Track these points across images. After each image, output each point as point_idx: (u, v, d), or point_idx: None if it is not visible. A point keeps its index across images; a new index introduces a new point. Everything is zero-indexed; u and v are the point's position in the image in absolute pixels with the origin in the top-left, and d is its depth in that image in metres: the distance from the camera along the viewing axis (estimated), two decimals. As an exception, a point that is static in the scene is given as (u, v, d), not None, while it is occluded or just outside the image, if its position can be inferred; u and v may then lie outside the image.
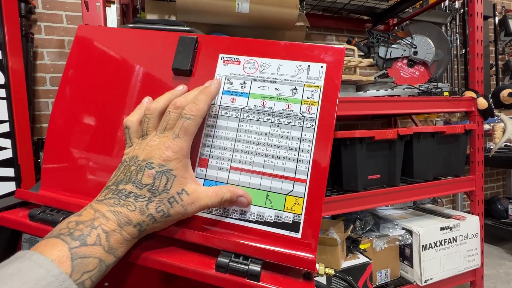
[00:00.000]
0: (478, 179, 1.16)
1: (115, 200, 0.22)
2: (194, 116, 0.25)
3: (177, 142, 0.24)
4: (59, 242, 0.20)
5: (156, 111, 0.26)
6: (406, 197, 1.05)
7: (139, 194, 0.23)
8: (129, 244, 0.23)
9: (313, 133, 0.27)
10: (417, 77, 1.29)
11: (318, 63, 0.28)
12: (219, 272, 0.23)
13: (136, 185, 0.23)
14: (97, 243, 0.21)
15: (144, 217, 0.23)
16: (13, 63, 0.82)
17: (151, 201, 0.23)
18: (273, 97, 0.28)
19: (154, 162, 0.23)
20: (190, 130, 0.25)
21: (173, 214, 0.24)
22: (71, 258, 0.19)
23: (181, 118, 0.25)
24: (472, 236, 1.15)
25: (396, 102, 1.03)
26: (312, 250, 0.24)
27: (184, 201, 0.24)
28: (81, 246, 0.20)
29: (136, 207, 0.22)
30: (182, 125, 0.25)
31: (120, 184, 0.23)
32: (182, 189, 0.24)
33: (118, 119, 0.31)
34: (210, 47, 0.31)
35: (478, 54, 1.15)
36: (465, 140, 1.12)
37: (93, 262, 0.20)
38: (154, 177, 0.23)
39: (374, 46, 1.23)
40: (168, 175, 0.23)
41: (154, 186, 0.23)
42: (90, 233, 0.21)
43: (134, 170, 0.24)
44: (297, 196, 0.26)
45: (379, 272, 1.09)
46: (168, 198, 0.23)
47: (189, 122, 0.25)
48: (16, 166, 0.83)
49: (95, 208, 0.22)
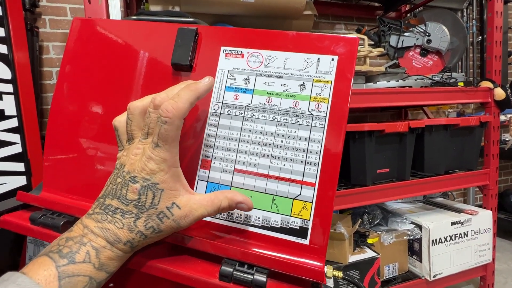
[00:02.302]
0: (492, 173, 1.12)
1: (103, 216, 0.21)
2: (170, 119, 0.21)
3: (158, 152, 0.21)
4: (47, 260, 0.19)
5: (137, 111, 0.23)
6: (416, 192, 1.02)
7: (126, 210, 0.21)
8: (123, 259, 0.22)
9: (323, 133, 0.25)
10: (430, 66, 1.24)
11: (328, 56, 0.26)
12: (223, 281, 0.22)
13: (122, 200, 0.21)
14: (87, 260, 0.20)
15: (133, 235, 0.21)
16: (19, 58, 0.82)
17: (138, 218, 0.21)
18: (279, 94, 0.26)
19: (137, 176, 0.21)
20: (170, 136, 0.21)
21: (165, 229, 0.22)
22: (58, 278, 0.18)
23: (157, 123, 0.21)
24: (484, 231, 1.12)
25: (408, 94, 0.99)
26: (320, 258, 0.23)
27: (176, 215, 0.22)
28: (69, 264, 0.19)
29: (124, 224, 0.21)
30: (159, 131, 0.21)
31: (107, 198, 0.22)
32: (172, 203, 0.22)
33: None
34: (212, 39, 0.29)
35: (496, 41, 1.09)
36: (479, 132, 1.08)
37: (82, 280, 0.19)
38: (139, 192, 0.21)
39: (385, 35, 1.18)
40: (154, 189, 0.21)
41: (140, 202, 0.21)
42: (79, 250, 0.20)
43: (119, 184, 0.22)
44: (305, 200, 0.24)
45: (387, 266, 1.08)
46: (157, 214, 0.21)
47: (166, 127, 0.21)
48: (26, 160, 0.84)
49: (84, 223, 0.21)
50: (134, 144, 0.23)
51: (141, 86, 0.29)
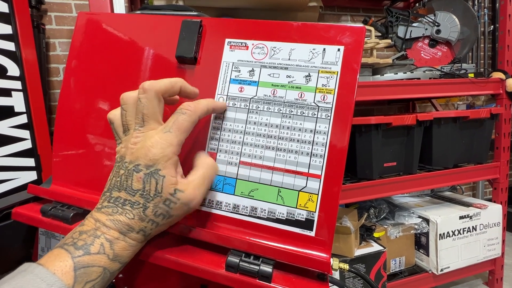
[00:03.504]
0: (503, 166, 1.10)
1: (113, 209, 0.22)
2: (190, 112, 0.23)
3: (167, 136, 0.22)
4: (63, 252, 0.20)
5: (130, 101, 0.23)
6: (424, 185, 1.01)
7: (133, 201, 0.22)
8: (136, 249, 0.22)
9: (329, 125, 0.24)
10: (439, 58, 1.21)
11: (334, 46, 0.25)
12: (229, 271, 0.22)
13: (128, 191, 0.22)
14: (101, 251, 0.20)
15: (145, 223, 0.22)
16: (26, 55, 0.83)
17: (146, 207, 0.22)
18: (284, 86, 0.26)
19: (140, 164, 0.22)
20: (184, 126, 0.22)
21: (176, 213, 0.22)
22: (74, 268, 0.19)
23: (176, 113, 0.23)
24: (494, 225, 1.10)
25: (416, 86, 0.97)
26: (326, 249, 0.23)
27: (182, 199, 0.22)
28: (84, 255, 0.20)
29: (134, 214, 0.21)
30: (177, 119, 0.22)
31: (113, 191, 0.22)
32: (175, 189, 0.22)
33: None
34: (216, 31, 0.28)
35: (509, 30, 1.05)
36: (490, 125, 1.05)
37: (97, 271, 0.20)
38: (144, 180, 0.21)
39: (392, 26, 1.15)
40: (156, 176, 0.21)
41: (145, 191, 0.21)
42: (93, 242, 0.20)
43: (123, 175, 0.22)
44: (311, 192, 0.24)
45: (393, 260, 1.07)
46: (163, 202, 0.22)
47: (184, 117, 0.22)
48: (36, 156, 0.85)
49: (95, 217, 0.22)
50: (130, 134, 0.23)
51: (146, 79, 0.29)
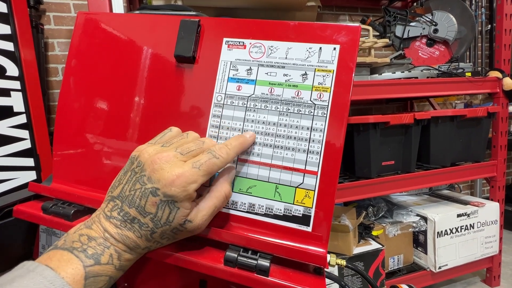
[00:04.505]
0: (500, 165, 1.11)
1: (122, 223, 0.22)
2: (223, 158, 0.23)
3: (195, 173, 0.22)
4: (74, 259, 0.20)
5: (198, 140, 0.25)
6: (422, 184, 1.01)
7: (143, 222, 0.22)
8: (136, 260, 0.23)
9: (325, 122, 0.25)
10: (436, 57, 1.21)
11: (330, 45, 0.26)
12: (228, 266, 0.23)
13: (140, 211, 0.22)
14: (110, 262, 0.21)
15: (151, 243, 0.23)
16: (25, 55, 0.83)
17: (154, 232, 0.22)
18: (281, 84, 0.26)
19: (160, 189, 0.21)
20: (213, 170, 0.23)
21: (180, 237, 0.24)
22: (85, 277, 0.20)
23: (209, 153, 0.23)
24: (491, 223, 1.11)
25: (413, 85, 0.98)
26: (323, 244, 0.23)
27: (188, 228, 0.23)
28: (95, 265, 0.20)
29: (142, 234, 0.22)
30: (209, 159, 0.23)
31: (124, 204, 0.22)
32: (185, 220, 0.22)
33: (122, 108, 0.30)
34: (214, 30, 0.29)
35: (506, 29, 1.06)
36: (487, 123, 1.06)
37: (104, 280, 0.21)
38: (158, 206, 0.22)
39: (390, 25, 1.16)
40: (171, 206, 0.22)
41: (157, 217, 0.22)
42: (103, 253, 0.21)
43: (139, 191, 0.22)
44: (308, 189, 0.25)
45: (392, 258, 1.08)
46: (171, 229, 0.23)
47: (216, 162, 0.23)
48: (35, 156, 0.85)
49: (104, 226, 0.22)
50: (167, 151, 0.23)
51: (145, 78, 0.30)
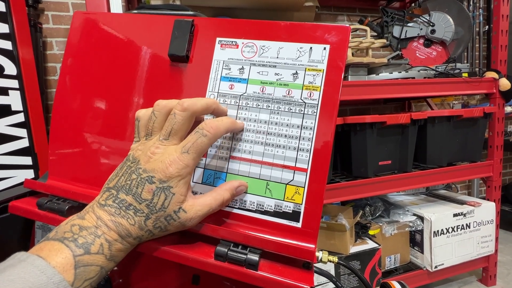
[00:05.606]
0: (496, 165, 1.11)
1: (116, 210, 0.22)
2: (211, 135, 0.23)
3: (184, 158, 0.22)
4: (64, 248, 0.20)
5: (165, 109, 0.24)
6: (418, 183, 1.02)
7: (138, 208, 0.22)
8: (128, 251, 0.23)
9: (315, 121, 0.25)
10: (434, 57, 1.22)
11: (320, 45, 0.26)
12: (218, 260, 0.23)
13: (136, 198, 0.22)
14: (100, 252, 0.21)
15: (143, 232, 0.23)
16: (23, 54, 0.83)
17: (148, 218, 0.22)
18: (272, 83, 0.27)
19: (155, 177, 0.22)
20: (203, 149, 0.23)
21: (171, 229, 0.24)
22: (74, 266, 0.20)
23: (196, 133, 0.23)
24: (487, 223, 1.12)
25: (411, 85, 0.99)
26: (312, 239, 0.24)
27: (182, 218, 0.23)
28: (85, 254, 0.20)
29: (135, 221, 0.22)
30: (196, 141, 0.23)
31: (120, 192, 0.23)
32: (179, 207, 0.23)
33: (118, 107, 0.31)
34: (207, 30, 0.29)
35: (502, 30, 1.07)
36: (483, 123, 1.07)
37: (95, 269, 0.21)
38: (154, 193, 0.22)
39: (388, 26, 1.16)
40: (167, 192, 0.22)
41: (152, 203, 0.22)
42: (94, 242, 0.21)
43: (135, 181, 0.23)
44: (298, 185, 0.25)
45: (388, 257, 1.09)
46: (165, 216, 0.23)
47: (204, 140, 0.23)
48: (33, 154, 0.85)
49: (97, 214, 0.22)
50: (152, 141, 0.24)
51: (140, 77, 0.30)
